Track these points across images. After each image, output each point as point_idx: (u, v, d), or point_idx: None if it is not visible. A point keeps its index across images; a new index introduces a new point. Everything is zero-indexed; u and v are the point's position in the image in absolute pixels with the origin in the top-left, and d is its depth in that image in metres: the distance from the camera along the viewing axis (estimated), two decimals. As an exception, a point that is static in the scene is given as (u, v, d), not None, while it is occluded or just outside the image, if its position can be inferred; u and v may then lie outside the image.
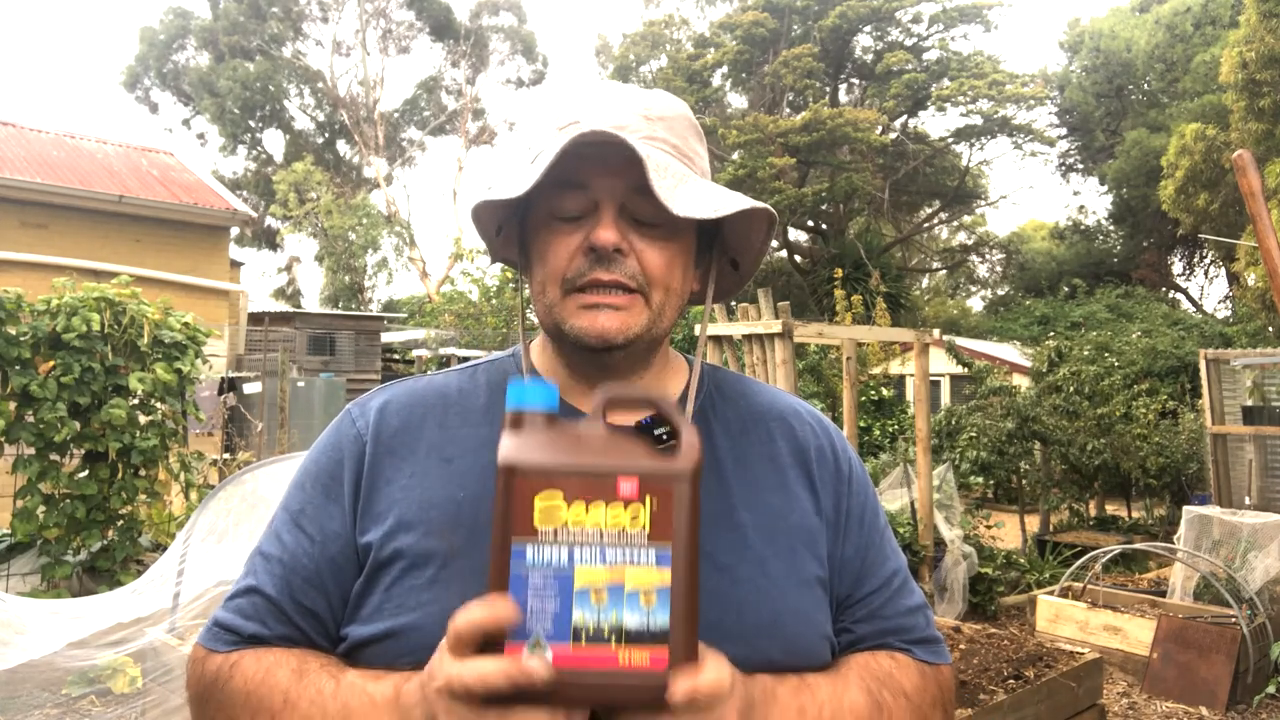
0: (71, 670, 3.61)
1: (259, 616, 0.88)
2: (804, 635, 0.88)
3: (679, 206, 0.81)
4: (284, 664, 0.84)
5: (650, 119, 0.89)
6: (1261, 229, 2.22)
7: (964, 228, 34.55)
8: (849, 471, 0.99)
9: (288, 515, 0.92)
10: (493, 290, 15.31)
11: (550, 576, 0.68)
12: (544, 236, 0.88)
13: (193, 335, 5.28)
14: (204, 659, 0.89)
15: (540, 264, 0.89)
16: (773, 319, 5.02)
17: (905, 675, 0.92)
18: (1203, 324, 19.30)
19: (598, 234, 0.84)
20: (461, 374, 1.00)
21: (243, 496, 3.57)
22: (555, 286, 0.87)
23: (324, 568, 0.88)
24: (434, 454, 0.90)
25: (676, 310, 0.92)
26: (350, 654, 0.85)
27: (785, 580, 0.88)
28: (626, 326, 0.86)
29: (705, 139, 0.96)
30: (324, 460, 0.93)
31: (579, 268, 0.86)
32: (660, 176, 0.82)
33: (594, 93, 0.91)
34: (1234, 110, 14.04)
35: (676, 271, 0.90)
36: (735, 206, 0.85)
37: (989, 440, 8.02)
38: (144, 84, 33.26)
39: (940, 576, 6.09)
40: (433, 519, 0.86)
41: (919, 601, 1.00)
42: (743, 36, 27.21)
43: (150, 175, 12.69)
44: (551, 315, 0.88)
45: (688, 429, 0.75)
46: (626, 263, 0.86)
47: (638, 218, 0.87)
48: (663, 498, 0.70)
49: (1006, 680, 3.25)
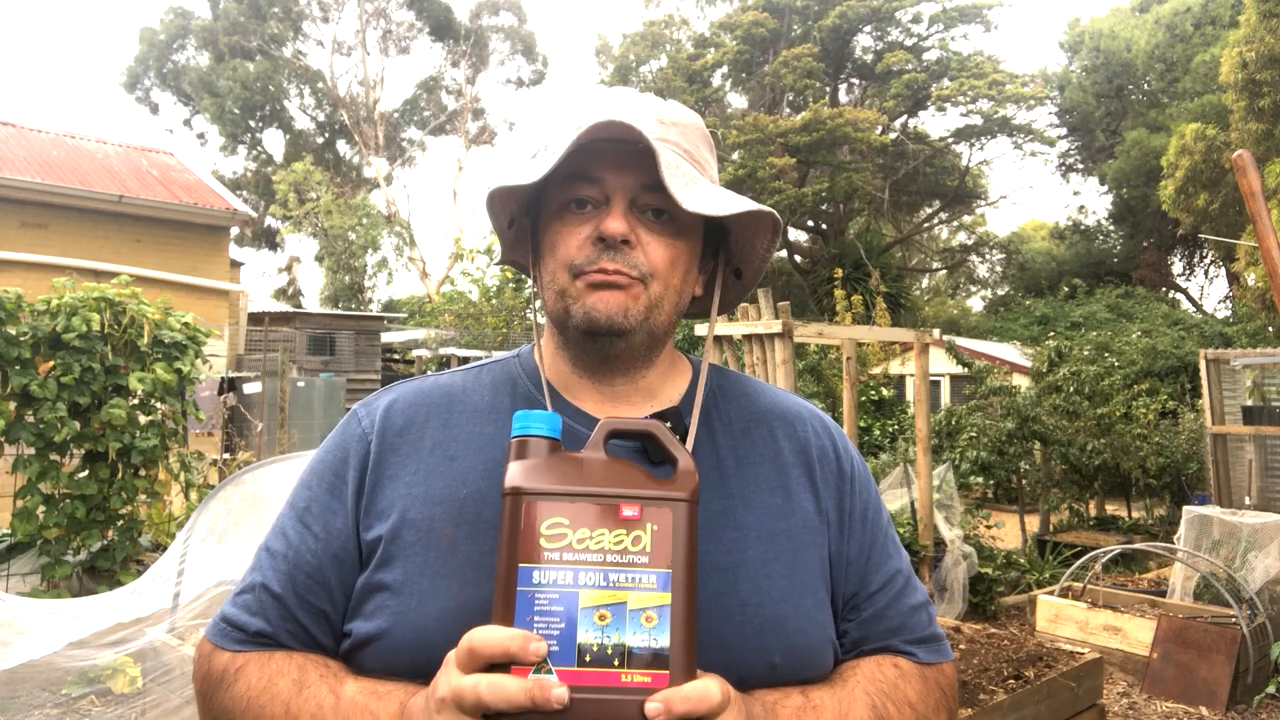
0: (71, 670, 3.61)
1: (264, 612, 0.89)
2: (806, 637, 0.88)
3: (689, 202, 0.83)
4: (285, 673, 0.85)
5: (664, 123, 0.92)
6: (1261, 229, 2.22)
7: (964, 228, 34.56)
8: (851, 471, 1.00)
9: (293, 512, 0.94)
10: (493, 290, 15.32)
11: (556, 597, 0.70)
12: (555, 226, 0.91)
13: (193, 335, 5.28)
14: (210, 655, 0.91)
15: (551, 253, 0.92)
16: (773, 319, 5.02)
17: (910, 685, 0.92)
18: (1203, 324, 19.30)
19: (607, 224, 0.87)
20: (466, 374, 1.01)
21: (243, 496, 3.57)
22: (564, 272, 0.90)
23: (327, 564, 0.89)
24: (438, 451, 0.91)
25: (674, 306, 0.93)
26: (354, 651, 0.86)
27: (787, 581, 0.89)
28: (627, 306, 0.88)
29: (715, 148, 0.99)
30: (329, 459, 0.95)
31: (588, 255, 0.88)
32: (671, 173, 0.84)
33: (609, 95, 0.94)
34: (1234, 110, 14.03)
35: (679, 269, 0.92)
36: (742, 207, 0.87)
37: (989, 440, 8.02)
38: (144, 84, 33.26)
39: (940, 576, 6.09)
40: (436, 515, 0.87)
41: (921, 599, 1.00)
42: (743, 36, 27.21)
43: (150, 175, 12.69)
44: (561, 300, 0.90)
45: (684, 455, 0.78)
46: (632, 254, 0.88)
47: (647, 213, 0.89)
48: (663, 522, 0.73)
49: (1006, 680, 3.25)
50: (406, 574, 0.84)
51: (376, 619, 0.84)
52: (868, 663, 0.93)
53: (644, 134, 0.82)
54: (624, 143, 0.84)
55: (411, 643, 0.81)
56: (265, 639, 0.89)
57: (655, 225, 0.89)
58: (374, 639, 0.84)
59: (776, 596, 0.87)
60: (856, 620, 0.95)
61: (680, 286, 0.93)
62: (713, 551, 0.86)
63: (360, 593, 0.87)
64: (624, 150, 0.86)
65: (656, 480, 0.77)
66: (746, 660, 0.83)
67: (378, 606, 0.85)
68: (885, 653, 0.95)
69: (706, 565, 0.84)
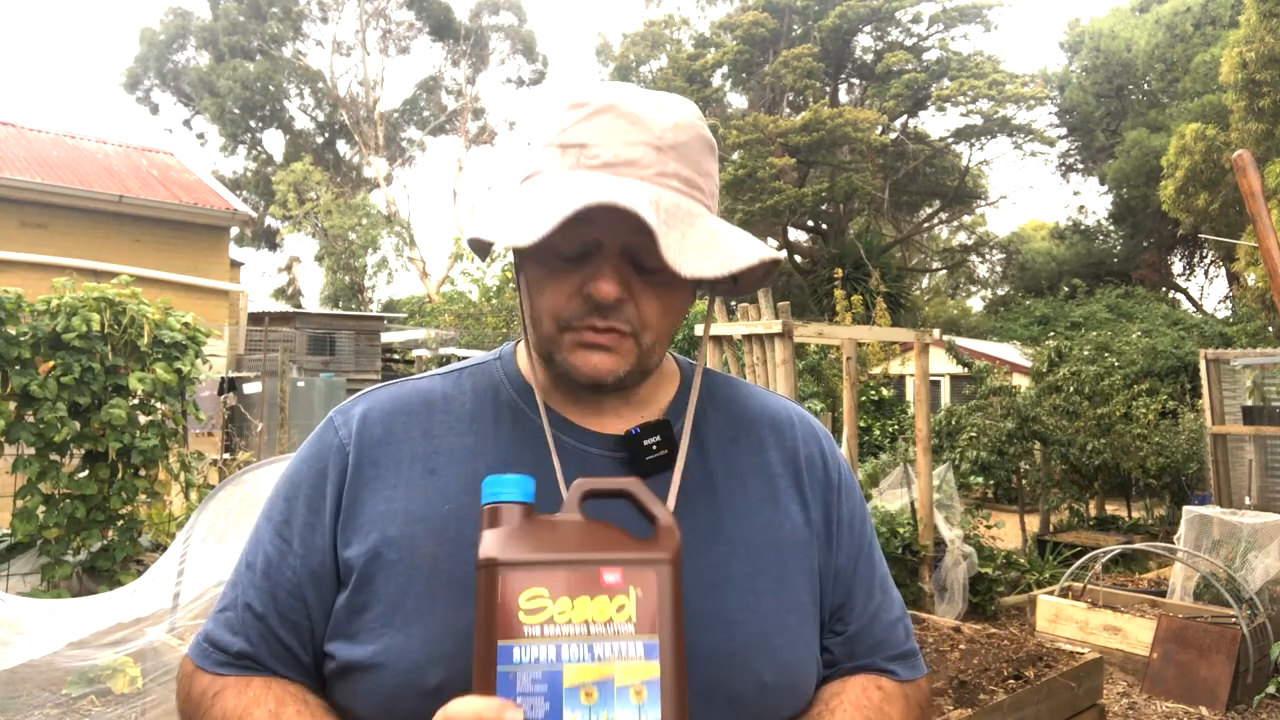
0: (71, 670, 3.61)
1: (245, 631, 0.88)
2: (794, 653, 0.87)
3: (687, 267, 0.77)
4: (262, 703, 0.84)
5: (661, 149, 0.83)
6: (1261, 229, 2.22)
7: (964, 228, 34.56)
8: (838, 479, 0.99)
9: (271, 526, 0.91)
10: (493, 290, 15.32)
11: (539, 676, 0.67)
12: (542, 273, 0.86)
13: (193, 335, 5.28)
14: (191, 675, 0.91)
15: (538, 297, 0.87)
16: (773, 319, 5.02)
17: (893, 707, 0.93)
18: (1203, 324, 19.30)
19: (599, 286, 0.81)
20: (446, 378, 0.97)
21: (243, 496, 3.57)
22: (551, 322, 0.86)
23: (306, 581, 0.87)
24: (418, 464, 0.88)
25: (666, 347, 0.91)
26: (338, 672, 0.85)
27: (774, 597, 0.88)
28: (616, 367, 0.85)
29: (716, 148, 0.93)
30: (306, 470, 0.92)
31: (576, 310, 0.84)
32: (668, 228, 0.77)
33: (602, 111, 0.84)
34: (1234, 110, 14.04)
35: (671, 315, 0.88)
36: (743, 263, 0.80)
37: (989, 440, 8.02)
38: (144, 84, 33.25)
39: (940, 576, 6.09)
40: (417, 533, 0.84)
41: (899, 612, 1.01)
42: (743, 36, 27.21)
43: (150, 175, 12.69)
44: (546, 345, 0.87)
45: (663, 513, 0.75)
46: (625, 309, 0.84)
47: (640, 263, 0.83)
48: (646, 586, 0.70)
49: (1006, 680, 3.25)
50: (388, 594, 0.82)
51: (360, 640, 0.83)
52: (852, 687, 0.92)
53: (639, 213, 0.74)
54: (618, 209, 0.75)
55: (395, 664, 0.80)
56: (246, 659, 0.88)
57: (648, 276, 0.84)
58: (358, 663, 0.82)
59: (763, 613, 0.86)
60: (842, 636, 0.94)
61: (673, 325, 0.89)
62: (700, 566, 0.84)
63: (341, 612, 0.85)
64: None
65: (637, 541, 0.73)
66: (736, 678, 0.82)
67: (360, 628, 0.83)
68: (868, 671, 0.95)
69: (694, 581, 0.82)
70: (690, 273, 0.77)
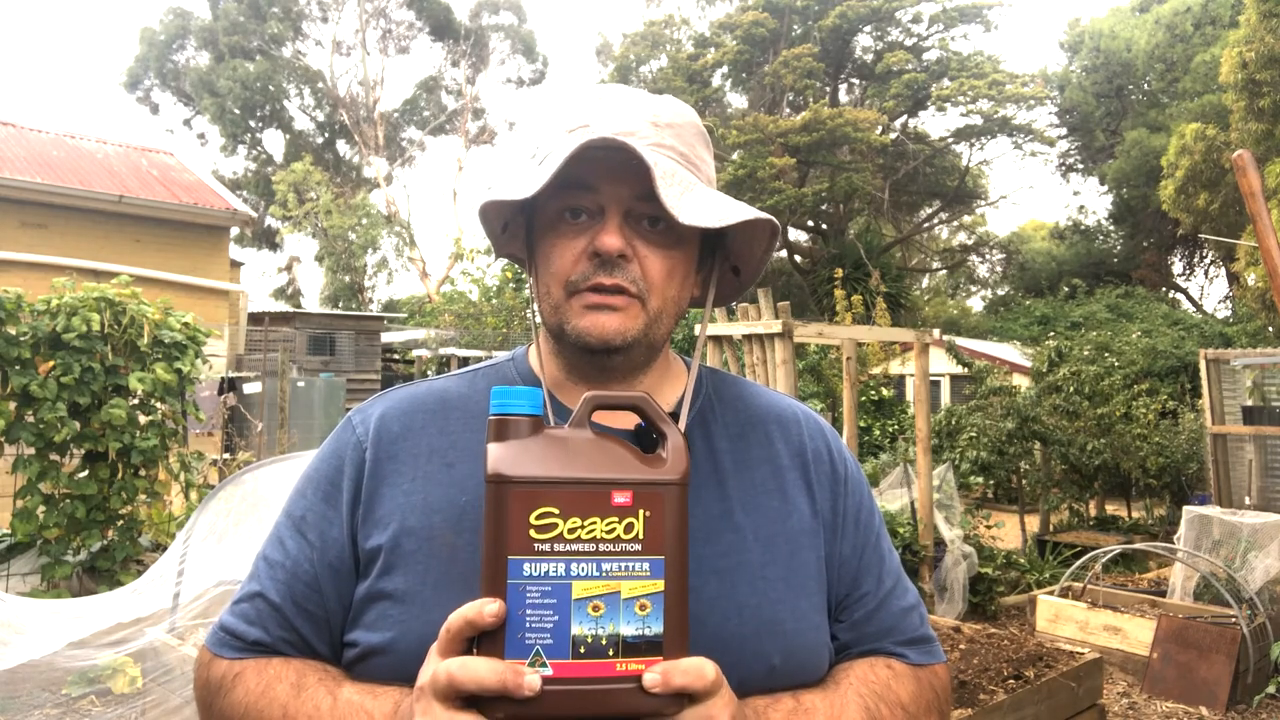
0: (71, 670, 3.61)
1: (261, 622, 0.90)
2: (803, 638, 0.89)
3: (685, 215, 0.82)
4: (283, 678, 0.86)
5: (658, 125, 0.89)
6: (1261, 229, 2.22)
7: (964, 228, 34.55)
8: (845, 473, 1.01)
9: (290, 521, 0.94)
10: (493, 290, 15.31)
11: (548, 589, 0.69)
12: (550, 238, 0.90)
13: (193, 335, 5.27)
14: (209, 663, 0.92)
15: (545, 265, 0.90)
16: (773, 319, 5.02)
17: (902, 685, 0.93)
18: (1203, 324, 19.31)
19: (602, 240, 0.85)
20: (461, 378, 1.01)
21: (243, 496, 3.57)
22: (559, 288, 0.89)
23: (324, 573, 0.89)
24: (436, 458, 0.91)
25: (674, 317, 0.93)
26: (358, 660, 0.87)
27: (784, 584, 0.90)
28: (625, 328, 0.87)
29: (711, 145, 0.97)
30: (325, 467, 0.95)
31: (583, 271, 0.87)
32: (667, 184, 0.82)
33: (603, 96, 0.92)
34: (1234, 110, 14.02)
35: (676, 279, 0.91)
36: (740, 216, 0.85)
37: (989, 440, 8.02)
38: (144, 84, 33.25)
39: (940, 576, 6.09)
40: (436, 523, 0.87)
41: (913, 601, 1.01)
42: (743, 36, 27.20)
43: (150, 175, 12.69)
44: (556, 315, 0.90)
45: (673, 433, 0.76)
46: (629, 268, 0.87)
47: (642, 223, 0.88)
48: (654, 507, 0.72)
49: (1006, 680, 3.25)
50: (408, 583, 0.85)
51: (380, 628, 0.85)
52: (860, 664, 0.93)
53: (638, 149, 0.80)
54: (619, 150, 0.82)
55: (416, 652, 0.81)
56: (263, 648, 0.90)
57: (652, 235, 0.88)
58: (378, 648, 0.84)
59: (774, 599, 0.88)
60: (848, 622, 0.95)
61: (678, 295, 0.92)
62: (711, 554, 0.87)
63: (361, 602, 0.87)
64: (618, 158, 0.83)
65: (646, 460, 0.74)
66: (746, 662, 0.84)
67: (380, 616, 0.85)
68: (877, 654, 0.95)
69: (705, 568, 0.85)
70: (689, 220, 0.81)
